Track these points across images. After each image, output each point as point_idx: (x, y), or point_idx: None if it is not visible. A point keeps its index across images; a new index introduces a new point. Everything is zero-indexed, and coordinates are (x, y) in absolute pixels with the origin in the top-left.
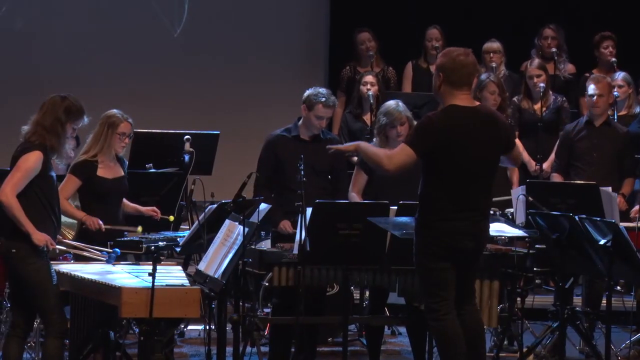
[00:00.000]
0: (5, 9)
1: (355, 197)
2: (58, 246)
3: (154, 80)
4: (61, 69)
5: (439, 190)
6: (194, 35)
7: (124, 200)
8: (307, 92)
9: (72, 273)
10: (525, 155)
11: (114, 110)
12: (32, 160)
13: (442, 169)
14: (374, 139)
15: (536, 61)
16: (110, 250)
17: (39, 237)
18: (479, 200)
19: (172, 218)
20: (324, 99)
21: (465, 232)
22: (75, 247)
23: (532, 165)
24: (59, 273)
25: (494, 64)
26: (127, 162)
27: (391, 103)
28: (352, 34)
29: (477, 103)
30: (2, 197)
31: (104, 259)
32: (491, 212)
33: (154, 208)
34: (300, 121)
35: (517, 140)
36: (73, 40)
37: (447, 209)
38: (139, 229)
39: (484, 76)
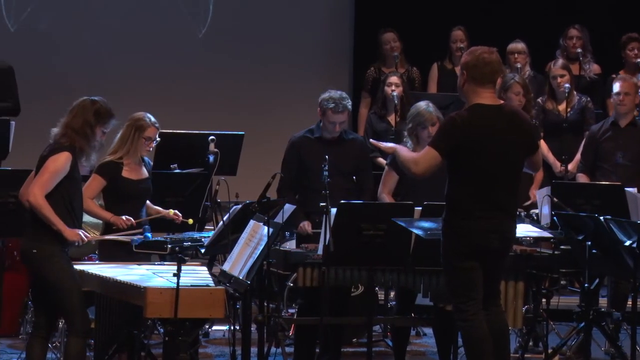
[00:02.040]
0: (30, 10)
1: (385, 197)
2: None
3: (178, 81)
4: (85, 70)
5: (463, 190)
6: (218, 36)
7: (147, 202)
8: (321, 96)
9: (97, 273)
10: (551, 157)
11: (142, 113)
12: (61, 162)
13: (466, 168)
14: (405, 140)
15: (560, 61)
16: (140, 234)
17: (71, 234)
18: (504, 200)
19: (191, 221)
20: (333, 105)
21: (491, 231)
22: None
23: (557, 166)
24: (84, 273)
25: (518, 65)
26: (152, 163)
27: (422, 104)
28: (376, 35)
29: (502, 102)
30: (30, 198)
31: (138, 238)
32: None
33: (176, 211)
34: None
35: (542, 142)
36: (98, 41)
37: (473, 208)
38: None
39: (508, 77)
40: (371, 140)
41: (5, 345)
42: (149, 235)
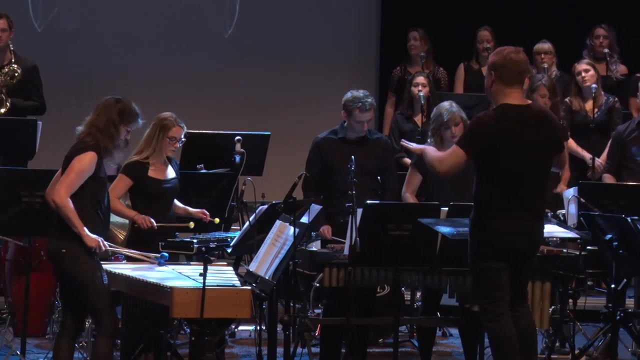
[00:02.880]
0: (57, 11)
1: (409, 197)
2: (110, 248)
3: (205, 81)
4: (112, 70)
5: (491, 190)
6: (245, 36)
7: (175, 201)
8: (345, 97)
9: (124, 273)
10: (586, 154)
11: (168, 113)
12: (86, 161)
13: (493, 168)
14: (429, 140)
15: (585, 59)
16: (158, 255)
17: (90, 240)
18: (532, 200)
19: (217, 220)
20: (360, 104)
21: (518, 232)
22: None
23: (587, 158)
24: (110, 273)
25: (545, 65)
26: (178, 163)
27: (445, 104)
28: (403, 35)
29: (529, 102)
30: (56, 198)
31: (154, 261)
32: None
33: (203, 210)
34: (346, 123)
35: (571, 141)
36: (123, 41)
37: (500, 209)
38: (191, 224)
39: (536, 78)
40: (402, 141)
41: (32, 345)
42: (166, 255)
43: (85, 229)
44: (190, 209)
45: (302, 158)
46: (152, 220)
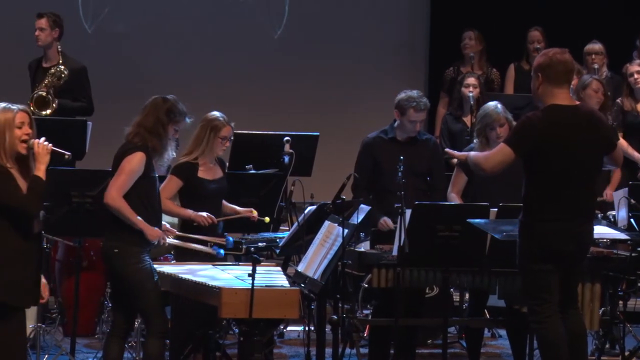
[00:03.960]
0: (107, 12)
1: (454, 197)
2: (170, 240)
3: (254, 82)
4: (161, 71)
5: (539, 191)
6: (294, 37)
7: (222, 201)
8: (398, 97)
9: (173, 274)
10: (636, 154)
11: (216, 113)
12: (135, 162)
13: (542, 169)
14: (474, 140)
15: (637, 60)
16: (213, 251)
17: (152, 233)
18: (581, 201)
19: (267, 220)
20: (415, 104)
21: (567, 234)
22: (187, 239)
23: (638, 159)
24: (160, 274)
25: (595, 66)
26: (228, 164)
27: (490, 105)
28: (452, 34)
29: (578, 102)
30: (109, 201)
31: (213, 252)
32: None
33: (251, 209)
34: (396, 124)
35: (622, 140)
36: (172, 42)
37: (548, 210)
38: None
39: (586, 76)
40: (447, 149)
41: (82, 344)
42: (230, 239)
43: (145, 223)
44: (238, 208)
45: (350, 159)
46: (212, 215)
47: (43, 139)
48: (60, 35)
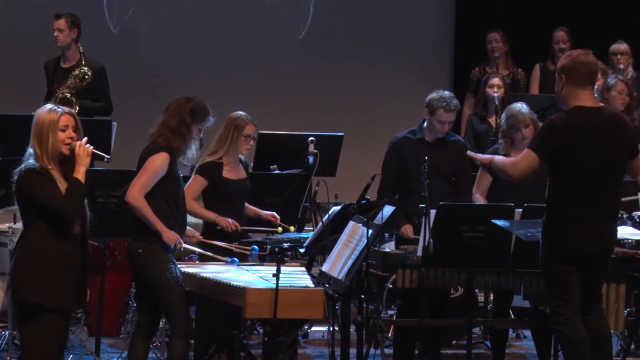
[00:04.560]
0: (132, 12)
1: (479, 198)
2: (187, 246)
3: (278, 82)
4: (186, 71)
5: (563, 193)
6: (318, 37)
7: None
8: (430, 96)
9: (197, 274)
10: None
11: (239, 112)
12: (159, 162)
13: (566, 171)
14: (499, 141)
15: None
16: (230, 260)
17: (170, 236)
18: (604, 203)
19: (292, 229)
20: (445, 104)
21: (590, 235)
22: (211, 247)
23: None
24: (184, 273)
25: (621, 66)
26: (252, 164)
27: (515, 105)
28: (477, 35)
29: (602, 104)
30: (130, 199)
31: (228, 260)
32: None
33: (273, 214)
34: (425, 124)
35: None
36: (197, 42)
37: (572, 212)
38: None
39: (611, 77)
40: (469, 152)
41: (107, 344)
42: (256, 250)
43: (163, 225)
44: (260, 211)
45: (375, 159)
46: (236, 222)
47: (85, 140)
48: (78, 36)
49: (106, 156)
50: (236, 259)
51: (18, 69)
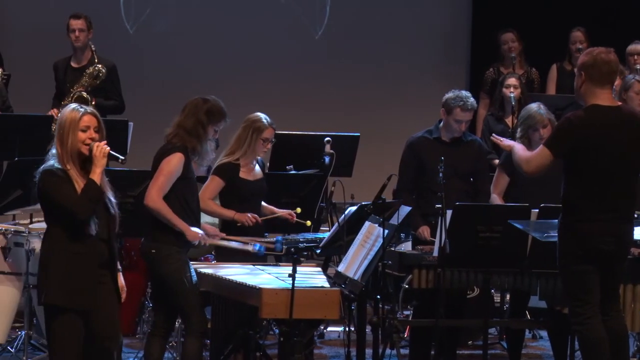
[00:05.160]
0: (148, 12)
1: (496, 198)
2: (218, 241)
3: (294, 82)
4: (202, 71)
5: (579, 192)
6: (335, 37)
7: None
8: (446, 96)
9: (213, 274)
10: None
11: (259, 115)
12: (174, 163)
13: (581, 169)
14: (517, 141)
15: None
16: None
17: (193, 234)
18: (620, 202)
19: (309, 223)
20: (462, 103)
21: (606, 234)
22: (228, 240)
23: None
24: (200, 274)
25: (638, 66)
26: (268, 164)
27: (533, 106)
28: (494, 35)
29: (619, 103)
30: (149, 203)
31: (254, 249)
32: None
33: (290, 211)
34: (442, 123)
35: None
36: (213, 42)
37: (587, 210)
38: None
39: (629, 77)
40: (493, 136)
41: (123, 344)
42: (280, 240)
43: (185, 224)
44: (276, 209)
45: (391, 159)
46: (255, 215)
47: (104, 142)
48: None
49: (120, 157)
50: (261, 247)
51: (33, 68)
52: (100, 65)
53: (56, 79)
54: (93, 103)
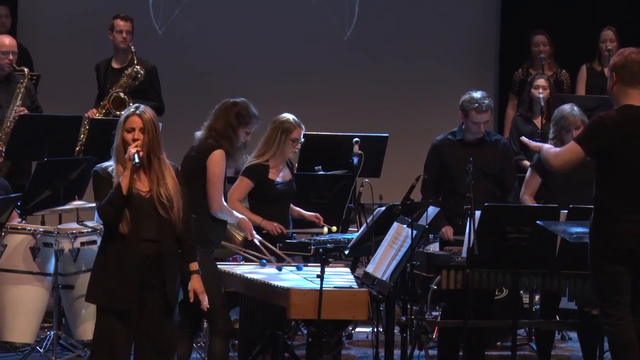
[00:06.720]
0: (177, 12)
1: (527, 200)
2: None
3: (323, 82)
4: (230, 71)
5: (610, 192)
6: (363, 37)
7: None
8: (462, 98)
9: (242, 274)
10: None
11: (287, 115)
12: (217, 161)
13: (613, 169)
14: (549, 142)
15: None
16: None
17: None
18: None
19: (334, 229)
20: (477, 105)
21: (638, 235)
22: (265, 247)
23: None
24: (228, 274)
25: None
26: (297, 164)
27: (566, 107)
28: (523, 36)
29: None
30: (217, 212)
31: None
32: None
33: (317, 215)
34: (464, 124)
35: None
36: (242, 43)
37: (619, 211)
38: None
39: None
40: (522, 138)
41: None
42: (265, 263)
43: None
44: (304, 212)
45: (420, 160)
46: (282, 226)
47: (134, 144)
48: None
49: (136, 160)
50: (265, 261)
51: (63, 69)
52: (138, 67)
53: (97, 80)
54: (130, 104)
